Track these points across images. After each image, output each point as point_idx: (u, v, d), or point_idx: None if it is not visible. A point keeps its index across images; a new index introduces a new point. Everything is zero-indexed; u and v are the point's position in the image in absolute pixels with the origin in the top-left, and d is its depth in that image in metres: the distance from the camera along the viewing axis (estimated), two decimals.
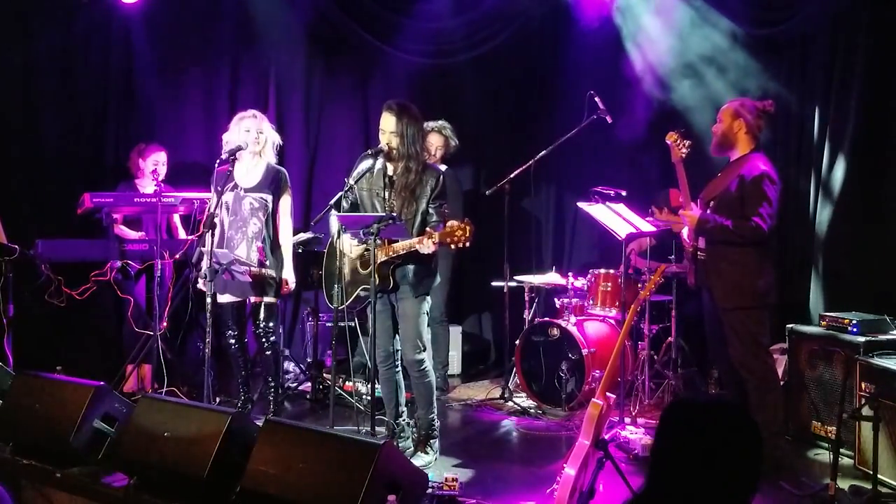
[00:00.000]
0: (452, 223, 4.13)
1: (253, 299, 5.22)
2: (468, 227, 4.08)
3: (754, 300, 4.48)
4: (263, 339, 5.25)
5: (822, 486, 4.12)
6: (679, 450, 1.92)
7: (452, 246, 4.11)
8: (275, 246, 5.26)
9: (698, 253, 4.65)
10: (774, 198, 4.42)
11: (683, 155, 4.53)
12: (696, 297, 5.07)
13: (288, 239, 5.31)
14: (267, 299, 5.21)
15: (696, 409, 1.99)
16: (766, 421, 4.33)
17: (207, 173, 5.38)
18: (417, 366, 4.55)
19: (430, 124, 5.75)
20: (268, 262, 5.19)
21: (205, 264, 4.75)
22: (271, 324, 5.28)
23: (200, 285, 5.01)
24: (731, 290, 4.48)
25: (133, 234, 5.91)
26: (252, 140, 5.18)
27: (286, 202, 5.31)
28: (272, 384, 5.35)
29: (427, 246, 4.23)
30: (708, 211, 4.57)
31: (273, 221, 5.26)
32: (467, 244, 4.11)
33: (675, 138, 4.55)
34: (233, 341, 5.33)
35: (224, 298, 5.22)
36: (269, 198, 5.23)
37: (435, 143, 5.95)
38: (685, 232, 4.77)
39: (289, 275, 5.27)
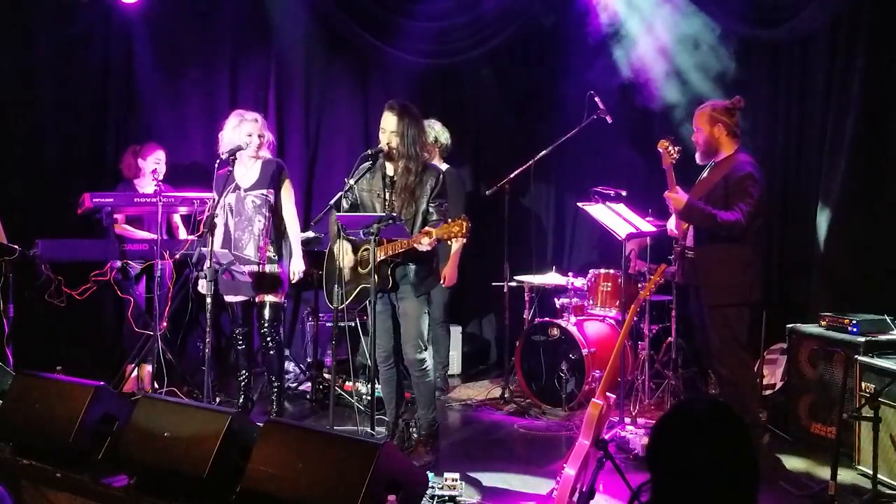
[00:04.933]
0: (449, 220, 4.15)
1: (258, 298, 5.23)
2: (465, 223, 4.09)
3: (739, 297, 4.58)
4: (268, 339, 5.25)
5: (822, 486, 4.12)
6: (676, 461, 1.92)
7: (451, 242, 4.12)
8: (283, 239, 5.27)
9: (686, 252, 4.72)
10: (757, 196, 4.52)
11: (674, 161, 4.60)
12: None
13: (294, 228, 5.29)
14: (272, 298, 5.22)
15: (688, 419, 1.98)
16: (740, 414, 4.36)
17: (207, 173, 5.37)
18: (418, 365, 4.56)
19: None
20: (276, 258, 5.20)
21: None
22: (276, 323, 5.29)
23: (201, 287, 5.00)
24: (720, 287, 4.56)
25: (140, 234, 5.90)
26: (255, 145, 5.18)
27: (288, 192, 5.30)
28: (276, 384, 5.35)
29: (425, 243, 4.23)
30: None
31: (279, 215, 5.27)
32: (464, 239, 4.13)
33: (666, 145, 4.63)
34: (241, 339, 5.36)
35: (231, 298, 5.26)
36: (271, 193, 5.23)
37: None
38: (671, 222, 4.84)
39: (297, 265, 5.24)
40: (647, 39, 6.27)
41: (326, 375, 5.98)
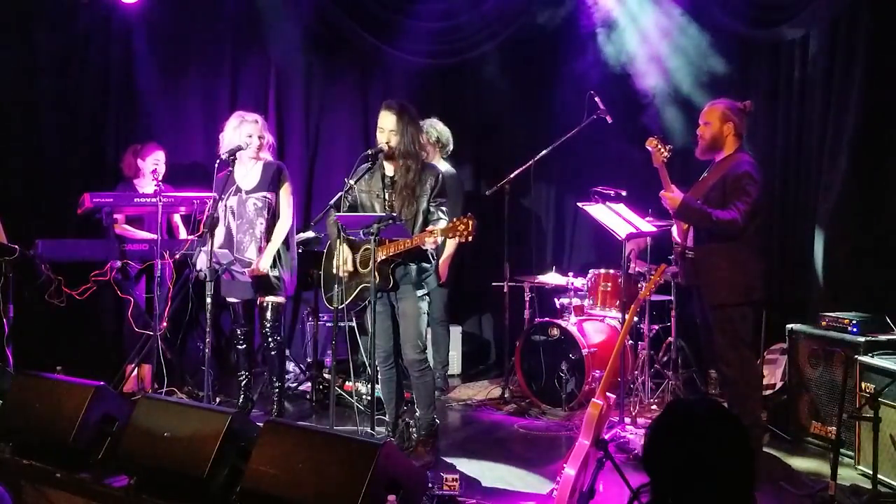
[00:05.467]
0: (454, 218, 4.15)
1: (259, 299, 5.23)
2: (471, 222, 4.10)
3: (740, 297, 4.54)
4: (269, 338, 5.26)
5: (822, 486, 4.12)
6: (675, 462, 1.92)
7: (456, 240, 4.12)
8: (284, 242, 5.26)
9: (687, 252, 4.70)
10: (754, 195, 4.46)
11: (665, 159, 4.58)
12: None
13: (281, 229, 5.24)
14: (273, 299, 5.22)
15: (686, 420, 1.98)
16: (742, 414, 4.35)
17: (207, 173, 5.37)
18: (418, 365, 4.56)
19: None
20: (276, 261, 5.19)
21: (204, 264, 4.76)
22: (277, 323, 5.29)
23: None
24: (721, 286, 4.54)
25: (140, 234, 5.89)
26: (255, 146, 5.18)
27: (286, 194, 5.29)
28: (277, 384, 5.35)
29: (429, 242, 4.23)
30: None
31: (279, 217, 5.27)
32: (471, 238, 4.12)
33: (654, 143, 4.60)
34: (241, 339, 5.36)
35: (232, 298, 5.26)
36: (272, 196, 5.23)
37: None
38: (676, 229, 4.84)
39: (263, 263, 5.10)
40: (647, 39, 6.27)
41: (326, 375, 5.99)
